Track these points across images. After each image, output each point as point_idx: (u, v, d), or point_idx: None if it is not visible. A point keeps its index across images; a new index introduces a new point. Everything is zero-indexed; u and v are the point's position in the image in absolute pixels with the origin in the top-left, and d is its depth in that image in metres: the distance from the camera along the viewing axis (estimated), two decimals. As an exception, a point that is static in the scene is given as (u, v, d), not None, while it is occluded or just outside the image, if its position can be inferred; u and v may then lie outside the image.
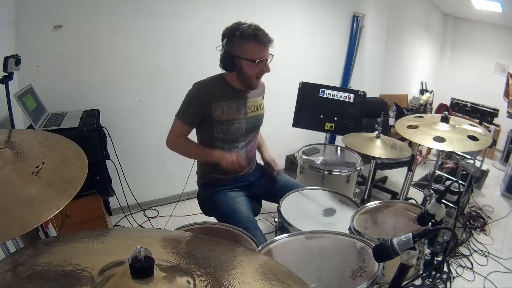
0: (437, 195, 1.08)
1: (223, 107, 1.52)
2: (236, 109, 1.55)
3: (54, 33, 2.01)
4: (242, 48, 1.43)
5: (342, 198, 1.64)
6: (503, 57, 4.27)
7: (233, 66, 1.47)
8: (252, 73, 1.48)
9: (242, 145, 1.63)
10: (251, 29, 1.41)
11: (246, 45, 1.42)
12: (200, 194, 1.75)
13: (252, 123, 1.63)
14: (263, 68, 1.49)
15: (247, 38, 1.40)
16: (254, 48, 1.42)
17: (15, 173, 0.78)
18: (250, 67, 1.46)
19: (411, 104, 4.39)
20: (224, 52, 1.47)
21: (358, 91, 2.38)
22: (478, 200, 3.12)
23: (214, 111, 1.51)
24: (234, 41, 1.43)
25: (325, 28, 3.26)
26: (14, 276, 0.60)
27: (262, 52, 1.45)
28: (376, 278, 0.98)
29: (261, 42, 1.42)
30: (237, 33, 1.41)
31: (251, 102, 1.62)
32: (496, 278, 2.13)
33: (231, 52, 1.44)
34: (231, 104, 1.54)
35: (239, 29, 1.41)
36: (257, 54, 1.44)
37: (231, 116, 1.54)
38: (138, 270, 0.56)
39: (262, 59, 1.45)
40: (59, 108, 2.06)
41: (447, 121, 1.72)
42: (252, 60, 1.44)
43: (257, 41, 1.41)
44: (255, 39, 1.41)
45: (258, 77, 1.52)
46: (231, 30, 1.44)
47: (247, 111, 1.60)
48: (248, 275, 0.67)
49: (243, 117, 1.58)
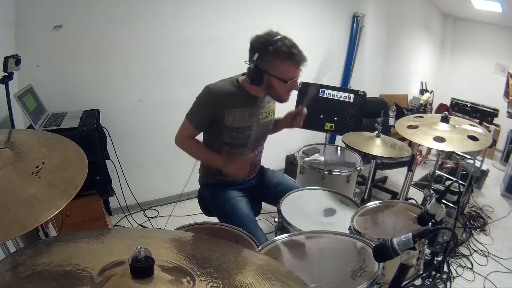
0: (437, 195, 1.08)
1: (236, 114, 1.47)
2: (249, 116, 1.49)
3: (54, 33, 2.01)
4: (275, 66, 1.32)
5: (342, 198, 1.64)
6: (503, 57, 4.27)
7: (261, 82, 1.37)
8: (281, 91, 1.39)
9: (250, 151, 1.59)
10: (286, 47, 1.29)
11: (280, 64, 1.32)
12: (202, 193, 1.75)
13: (262, 130, 1.61)
14: (292, 86, 1.39)
15: (282, 56, 1.30)
16: (288, 68, 1.33)
17: (15, 173, 0.78)
18: (280, 86, 1.37)
19: (411, 104, 4.39)
20: (254, 67, 1.34)
21: (358, 91, 2.38)
22: (478, 200, 3.12)
23: (226, 117, 1.45)
24: (266, 57, 1.32)
25: (325, 28, 3.26)
26: (14, 276, 0.60)
27: (295, 71, 1.36)
28: (376, 278, 0.98)
29: (296, 62, 1.33)
30: (271, 48, 1.29)
31: (264, 108, 1.57)
32: (496, 278, 2.13)
33: (262, 67, 1.34)
34: (244, 111, 1.48)
35: (272, 43, 1.29)
36: (290, 74, 1.34)
37: (243, 124, 1.49)
38: (138, 270, 0.56)
39: (294, 79, 1.37)
40: (59, 108, 2.06)
41: (447, 121, 1.72)
42: (284, 80, 1.35)
43: (292, 60, 1.32)
44: (290, 58, 1.31)
45: (287, 94, 1.42)
46: (263, 44, 1.31)
47: (260, 118, 1.55)
48: (248, 275, 0.67)
49: (255, 124, 1.53)
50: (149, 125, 2.52)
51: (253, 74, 1.37)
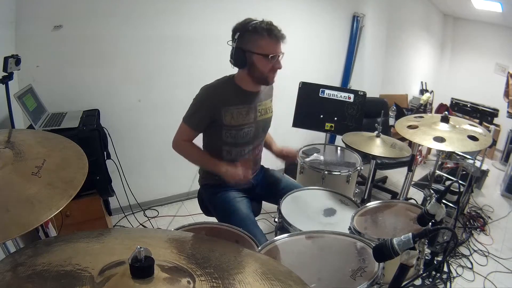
0: (437, 195, 1.07)
1: (233, 112, 1.49)
2: (246, 114, 1.53)
3: (54, 33, 2.01)
4: (255, 42, 1.39)
5: (342, 198, 1.64)
6: (503, 57, 4.27)
7: (244, 62, 1.43)
8: (265, 69, 1.44)
9: (249, 149, 1.62)
10: (265, 24, 1.39)
11: (260, 40, 1.39)
12: (202, 193, 1.75)
13: (261, 127, 1.62)
14: (274, 64, 1.45)
15: (260, 32, 1.38)
16: (267, 42, 1.39)
17: (15, 173, 0.78)
18: (262, 63, 1.42)
19: (411, 104, 4.39)
20: (235, 47, 1.42)
21: (358, 91, 2.38)
22: (478, 200, 3.12)
23: (223, 116, 1.48)
24: (246, 36, 1.40)
25: (325, 28, 3.26)
26: (14, 276, 0.60)
27: (275, 47, 1.42)
28: (376, 278, 0.98)
29: (274, 36, 1.39)
30: (250, 27, 1.38)
31: (261, 105, 1.60)
32: (496, 278, 2.13)
33: (243, 47, 1.41)
34: (241, 108, 1.51)
35: (252, 23, 1.39)
36: (270, 49, 1.41)
37: (241, 121, 1.52)
38: (138, 270, 0.56)
39: (274, 55, 1.42)
40: (59, 108, 2.06)
41: (447, 121, 1.72)
42: (265, 55, 1.40)
43: (271, 35, 1.39)
44: (268, 33, 1.38)
45: (271, 73, 1.48)
46: (243, 25, 1.41)
47: (257, 115, 1.58)
48: (248, 275, 0.67)
49: (253, 121, 1.56)
50: (149, 125, 2.52)
51: (235, 54, 1.43)
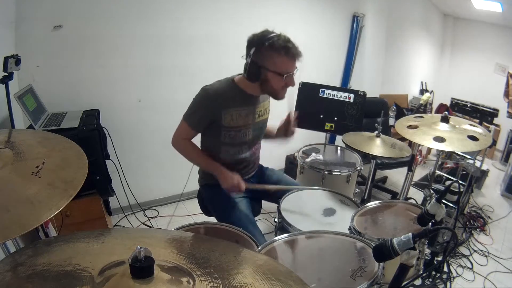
0: (437, 195, 1.07)
1: (233, 114, 1.49)
2: (246, 116, 1.52)
3: (54, 33, 2.01)
4: (271, 59, 1.36)
5: (342, 198, 1.64)
6: (503, 57, 4.27)
7: (258, 77, 1.40)
8: (278, 87, 1.42)
9: (247, 148, 1.62)
10: (282, 41, 1.34)
11: (276, 57, 1.35)
12: (201, 194, 1.75)
13: (259, 128, 1.63)
14: (288, 82, 1.42)
15: (277, 50, 1.34)
16: (283, 61, 1.36)
17: (15, 173, 0.78)
18: (276, 80, 1.40)
19: (411, 104, 4.39)
20: (250, 61, 1.38)
21: (358, 91, 2.38)
22: (478, 200, 3.12)
23: (223, 118, 1.47)
24: (262, 51, 1.36)
25: (325, 28, 3.26)
26: (14, 276, 0.60)
27: (291, 65, 1.39)
28: (376, 278, 0.98)
29: (291, 56, 1.36)
30: (267, 43, 1.34)
31: (260, 107, 1.60)
32: (496, 278, 2.13)
33: (258, 62, 1.37)
34: (240, 110, 1.51)
35: (269, 38, 1.34)
36: (286, 68, 1.38)
37: (240, 123, 1.52)
38: (138, 270, 0.56)
39: (289, 73, 1.40)
40: (59, 108, 2.06)
41: (447, 121, 1.72)
42: (280, 73, 1.38)
43: (288, 54, 1.35)
44: (285, 52, 1.35)
45: (284, 90, 1.45)
46: (260, 39, 1.36)
47: (255, 117, 1.58)
48: (248, 275, 0.67)
49: (251, 122, 1.56)
50: (149, 125, 2.52)
51: (249, 68, 1.40)
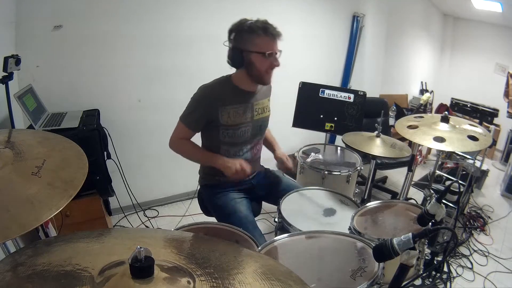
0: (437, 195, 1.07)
1: (230, 112, 1.50)
2: (243, 113, 1.53)
3: (54, 33, 2.01)
4: (252, 41, 1.40)
5: (342, 198, 1.64)
6: (503, 57, 4.26)
7: (242, 62, 1.44)
8: (262, 67, 1.44)
9: (248, 148, 1.62)
10: (260, 23, 1.40)
11: (256, 38, 1.40)
12: (202, 194, 1.75)
13: (258, 126, 1.62)
14: (272, 61, 1.45)
15: (256, 31, 1.39)
16: (263, 40, 1.40)
17: (15, 173, 0.78)
18: (260, 61, 1.43)
19: (411, 104, 4.39)
20: (232, 47, 1.44)
21: (358, 91, 2.38)
22: (478, 200, 3.12)
23: (220, 116, 1.48)
24: (243, 35, 1.41)
25: (325, 28, 3.26)
26: (14, 276, 0.60)
27: (271, 44, 1.42)
28: (376, 278, 0.98)
29: (270, 34, 1.40)
30: (246, 27, 1.39)
31: (258, 104, 1.60)
32: (496, 278, 2.13)
33: (240, 46, 1.42)
34: (237, 108, 1.52)
35: (247, 23, 1.40)
36: (267, 46, 1.41)
37: (238, 120, 1.52)
38: (138, 270, 0.56)
39: (271, 52, 1.42)
40: (59, 108, 2.06)
41: (447, 121, 1.72)
42: (262, 52, 1.41)
43: (267, 33, 1.40)
44: (264, 31, 1.39)
45: (269, 71, 1.48)
46: (239, 25, 1.42)
47: (254, 114, 1.58)
48: (248, 275, 0.67)
49: (250, 120, 1.56)
50: (149, 125, 2.52)
51: (232, 54, 1.44)
